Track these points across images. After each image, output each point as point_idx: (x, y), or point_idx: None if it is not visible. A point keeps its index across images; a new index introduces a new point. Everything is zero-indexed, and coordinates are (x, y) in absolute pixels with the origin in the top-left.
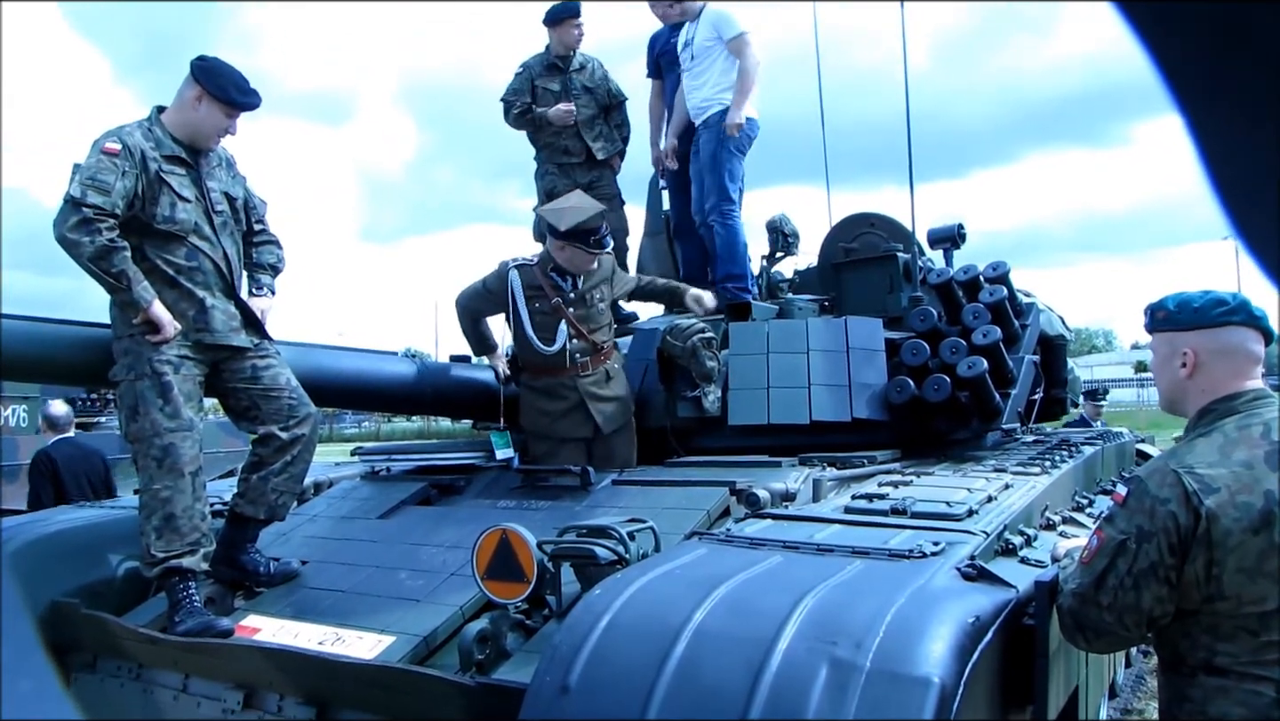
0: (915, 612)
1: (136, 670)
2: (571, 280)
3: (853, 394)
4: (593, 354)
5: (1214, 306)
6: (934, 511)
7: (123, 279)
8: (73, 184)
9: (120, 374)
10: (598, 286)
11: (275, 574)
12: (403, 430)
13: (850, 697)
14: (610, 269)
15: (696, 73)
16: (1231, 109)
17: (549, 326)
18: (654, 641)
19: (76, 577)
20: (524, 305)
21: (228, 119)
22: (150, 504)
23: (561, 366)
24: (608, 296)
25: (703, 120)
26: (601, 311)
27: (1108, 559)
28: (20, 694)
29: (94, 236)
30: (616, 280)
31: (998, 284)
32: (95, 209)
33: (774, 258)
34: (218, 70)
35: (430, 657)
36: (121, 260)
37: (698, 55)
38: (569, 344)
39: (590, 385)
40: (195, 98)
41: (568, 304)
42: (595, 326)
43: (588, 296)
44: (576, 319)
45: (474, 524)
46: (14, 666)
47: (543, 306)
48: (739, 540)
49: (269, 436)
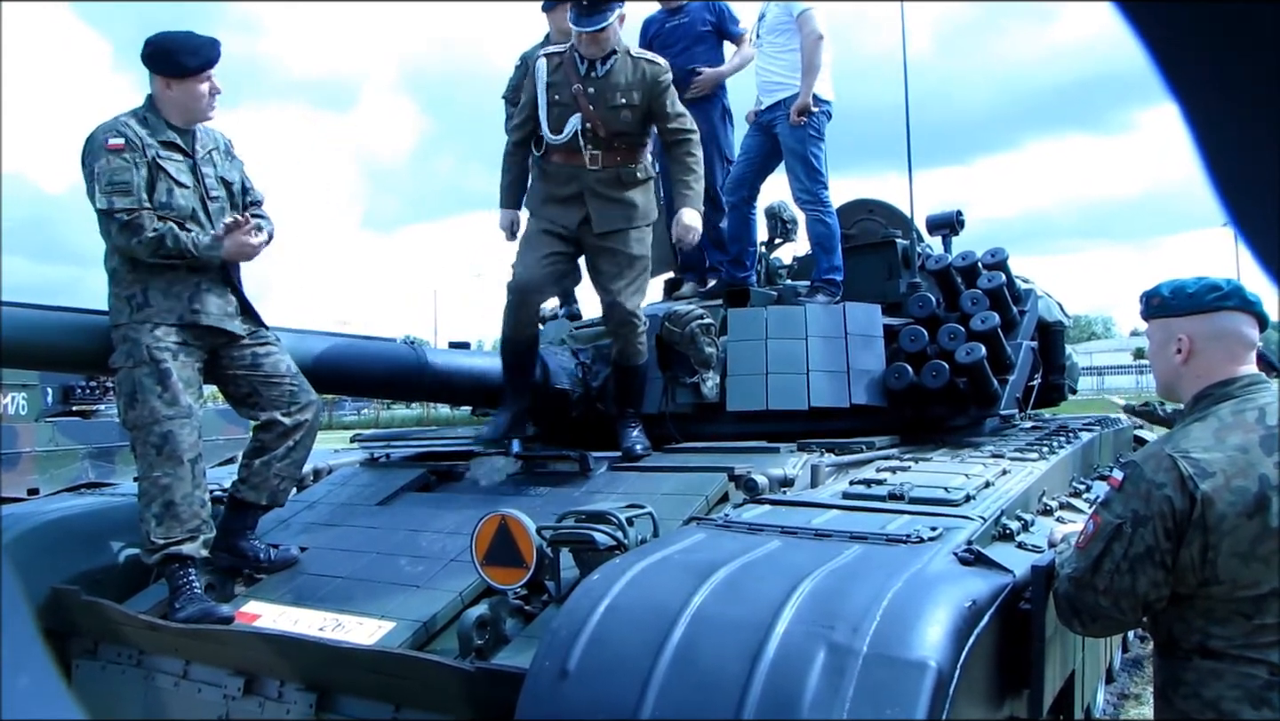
0: (912, 597)
1: (137, 656)
2: (589, 64)
3: (851, 380)
4: (605, 150)
5: (1208, 292)
6: (931, 497)
7: (186, 253)
8: (98, 196)
9: (119, 361)
10: (628, 90)
11: (275, 560)
12: (402, 417)
13: (847, 681)
14: (652, 82)
15: (768, 53)
16: (1229, 101)
17: (564, 117)
18: (652, 626)
19: (77, 564)
20: (543, 94)
21: (201, 84)
22: (150, 491)
23: (569, 152)
24: (638, 103)
25: (773, 104)
26: (624, 118)
27: (1104, 543)
28: (19, 691)
29: (139, 235)
30: (656, 95)
31: (996, 270)
32: (126, 211)
33: (773, 244)
34: (163, 49)
35: (430, 643)
36: (173, 240)
37: (769, 32)
38: (579, 131)
39: (596, 181)
40: (164, 85)
41: (585, 86)
42: (615, 129)
43: (611, 94)
44: (593, 110)
45: (473, 510)
46: (13, 662)
47: (563, 97)
48: (737, 525)
49: (272, 422)
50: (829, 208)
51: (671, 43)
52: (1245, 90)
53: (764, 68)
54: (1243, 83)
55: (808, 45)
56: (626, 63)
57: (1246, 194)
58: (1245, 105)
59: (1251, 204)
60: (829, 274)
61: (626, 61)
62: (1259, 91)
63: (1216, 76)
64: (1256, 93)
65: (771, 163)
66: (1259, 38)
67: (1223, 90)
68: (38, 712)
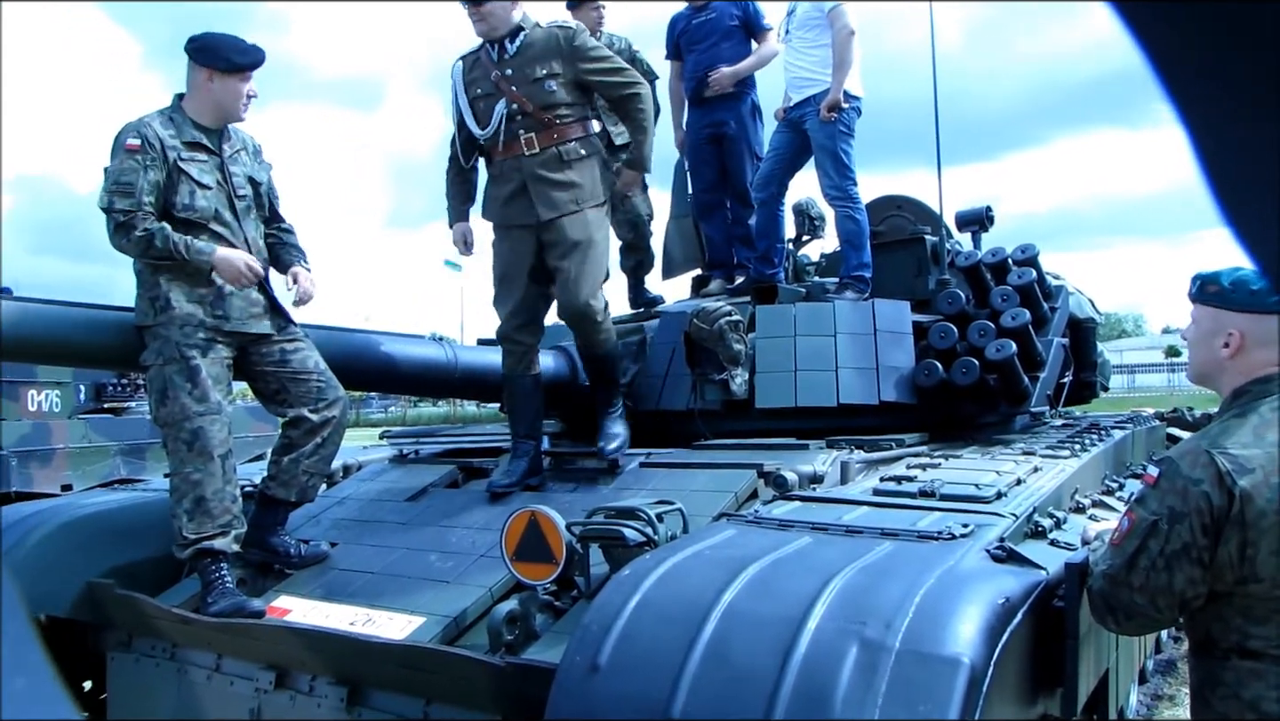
0: (944, 594)
1: (170, 650)
2: (499, 48)
3: (880, 377)
4: (540, 130)
5: (1271, 293)
6: (962, 494)
7: (175, 255)
8: (101, 195)
9: (149, 358)
10: (543, 61)
11: (305, 556)
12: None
13: (880, 678)
14: (566, 45)
15: (797, 48)
16: (1228, 102)
17: (490, 108)
18: (683, 621)
19: (112, 558)
20: (463, 95)
21: (243, 83)
22: (181, 487)
23: (498, 146)
24: (562, 73)
25: (802, 100)
26: (549, 88)
27: (1139, 540)
28: (18, 691)
29: (129, 235)
30: (577, 56)
31: (1026, 266)
32: (123, 212)
33: (800, 241)
34: (213, 44)
35: (460, 638)
36: (163, 240)
37: (798, 28)
38: (505, 117)
39: (537, 166)
40: (205, 78)
41: (502, 70)
42: (544, 102)
43: (529, 67)
44: (515, 90)
45: (502, 506)
46: (12, 662)
47: (484, 89)
48: (767, 522)
49: (299, 419)
50: (859, 204)
51: (698, 39)
52: (1245, 91)
53: (793, 64)
54: (1242, 83)
55: (839, 41)
56: (537, 34)
57: (1244, 197)
58: (1245, 106)
59: (1249, 207)
60: (858, 270)
61: (537, 33)
62: (1258, 92)
63: (1214, 77)
64: (1256, 93)
65: (800, 159)
66: (1258, 37)
67: (1221, 91)
68: (38, 712)
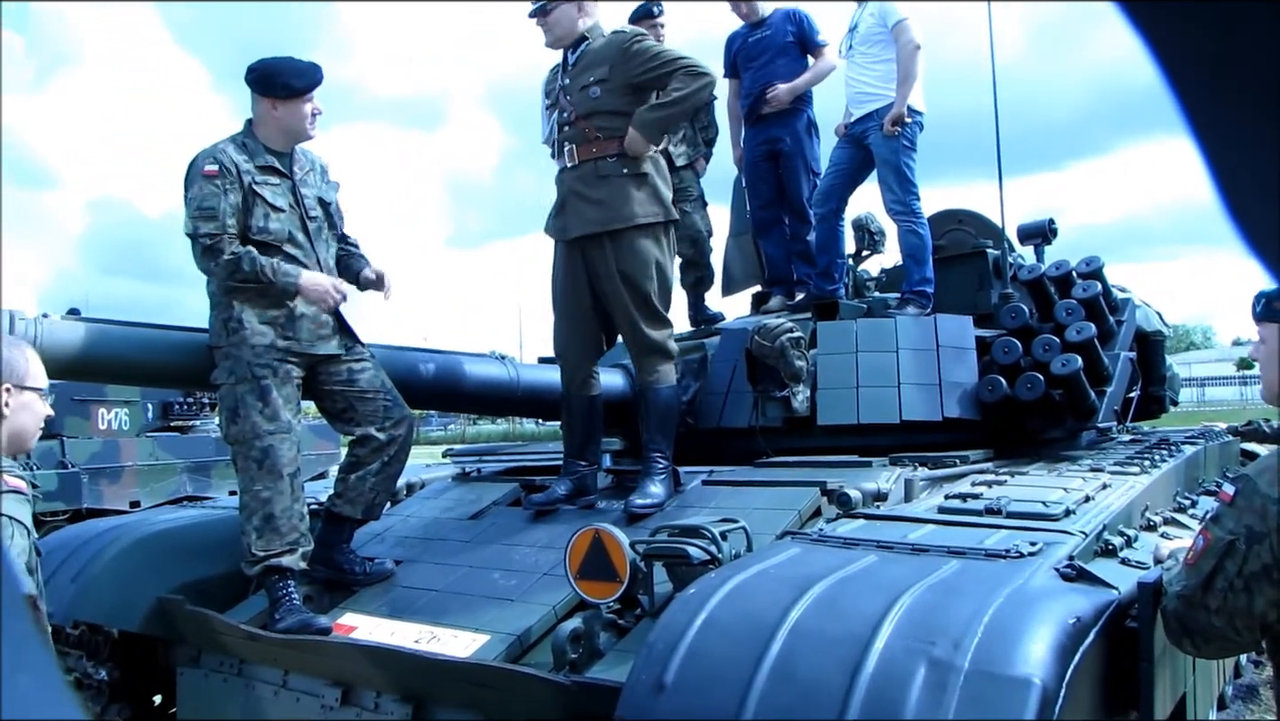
0: (1014, 613)
1: (238, 665)
2: (566, 56)
3: (943, 393)
4: (580, 143)
5: None
6: (1030, 511)
7: (262, 277)
8: (186, 221)
9: (221, 377)
10: (595, 67)
11: (371, 573)
12: (488, 432)
13: (949, 697)
14: (619, 48)
15: (860, 63)
16: (1240, 114)
17: (551, 118)
18: (750, 640)
19: (181, 575)
20: (542, 102)
21: (306, 104)
22: (250, 504)
23: (553, 156)
24: (609, 78)
25: (864, 115)
26: (593, 94)
27: (1215, 560)
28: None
29: (217, 259)
30: (629, 57)
31: (1091, 279)
32: (209, 236)
33: (860, 256)
34: (271, 72)
35: (524, 656)
36: (250, 263)
37: (861, 43)
38: (556, 127)
39: (574, 180)
40: (270, 107)
41: (564, 79)
42: (586, 109)
43: (583, 75)
44: (567, 99)
45: (565, 524)
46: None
47: (552, 99)
48: (832, 540)
49: (366, 437)
50: (921, 218)
51: (754, 56)
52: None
53: (855, 79)
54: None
55: (904, 55)
56: (599, 41)
57: (1256, 205)
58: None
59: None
60: (920, 285)
61: (598, 41)
62: (1274, 105)
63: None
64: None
65: (862, 174)
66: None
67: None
68: (41, 712)
